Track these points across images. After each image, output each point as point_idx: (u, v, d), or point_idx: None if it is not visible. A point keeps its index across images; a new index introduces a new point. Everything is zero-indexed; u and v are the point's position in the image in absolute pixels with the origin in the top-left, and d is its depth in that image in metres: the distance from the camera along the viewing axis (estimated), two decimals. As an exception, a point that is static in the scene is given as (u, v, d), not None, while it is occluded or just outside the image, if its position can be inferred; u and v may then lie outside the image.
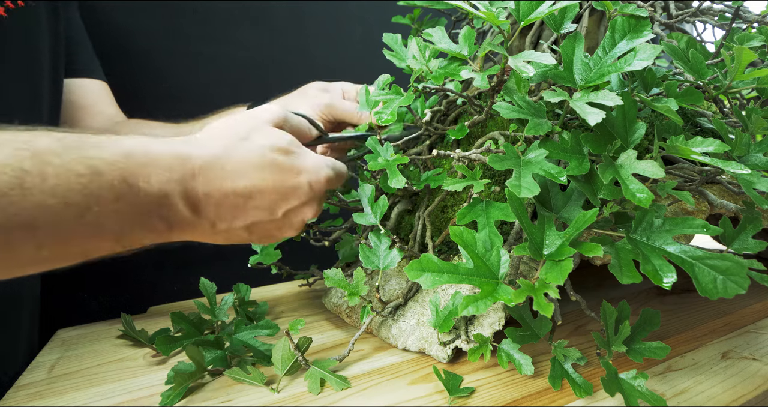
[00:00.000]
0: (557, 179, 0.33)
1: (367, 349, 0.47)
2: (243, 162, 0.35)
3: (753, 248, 0.35)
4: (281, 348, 0.40)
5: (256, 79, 0.87)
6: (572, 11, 0.39)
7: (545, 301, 0.29)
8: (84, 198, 0.27)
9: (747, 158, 0.38)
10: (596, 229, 0.35)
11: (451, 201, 0.50)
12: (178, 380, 0.38)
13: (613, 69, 0.35)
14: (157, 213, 0.32)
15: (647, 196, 0.31)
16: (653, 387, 0.37)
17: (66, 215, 0.27)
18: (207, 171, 0.33)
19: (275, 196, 0.37)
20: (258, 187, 0.35)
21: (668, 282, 0.29)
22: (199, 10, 0.81)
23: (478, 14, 0.37)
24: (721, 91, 0.40)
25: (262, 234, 0.39)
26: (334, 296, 0.58)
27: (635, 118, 0.36)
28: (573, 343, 0.44)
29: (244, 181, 0.35)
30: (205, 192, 0.33)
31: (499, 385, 0.38)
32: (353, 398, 0.37)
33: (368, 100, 0.49)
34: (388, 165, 0.43)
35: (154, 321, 0.58)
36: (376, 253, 0.44)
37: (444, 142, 0.55)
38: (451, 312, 0.40)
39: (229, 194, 0.34)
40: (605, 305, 0.37)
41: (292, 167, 0.37)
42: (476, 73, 0.39)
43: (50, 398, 0.40)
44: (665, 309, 0.54)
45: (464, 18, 0.69)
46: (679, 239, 0.41)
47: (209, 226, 0.35)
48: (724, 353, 0.43)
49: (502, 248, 0.34)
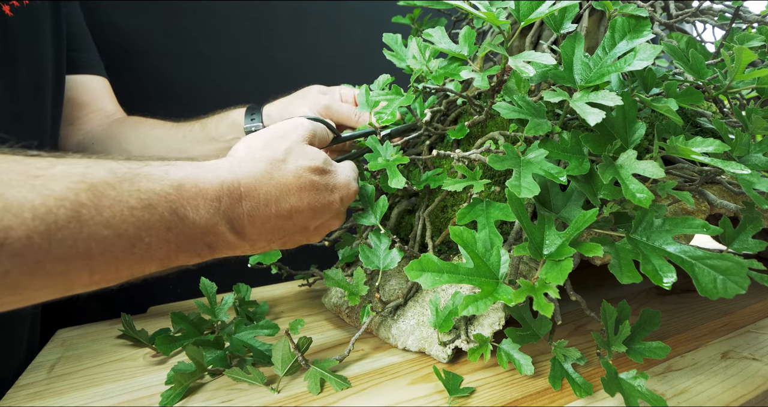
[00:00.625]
0: (557, 179, 0.33)
1: (367, 349, 0.47)
2: (284, 186, 0.36)
3: (753, 248, 0.35)
4: (281, 348, 0.40)
5: (256, 79, 0.87)
6: (572, 11, 0.39)
7: (545, 301, 0.29)
8: (136, 230, 0.28)
9: (747, 158, 0.38)
10: (596, 229, 0.35)
11: (451, 201, 0.50)
12: (178, 380, 0.38)
13: (613, 69, 0.35)
14: (203, 240, 0.32)
15: (647, 196, 0.31)
16: (653, 387, 0.37)
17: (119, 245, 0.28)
18: (251, 198, 0.34)
19: (310, 214, 0.38)
20: (296, 208, 0.37)
21: (668, 282, 0.29)
22: (199, 10, 0.81)
23: (478, 14, 0.37)
24: (721, 91, 0.40)
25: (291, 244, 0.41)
26: (334, 296, 0.58)
27: (635, 118, 0.36)
28: (573, 343, 0.44)
29: (285, 204, 0.36)
30: (250, 217, 0.35)
31: (499, 385, 0.38)
32: (353, 398, 0.37)
33: (368, 100, 0.49)
34: (388, 165, 0.43)
35: (154, 321, 0.58)
36: (376, 253, 0.44)
37: (444, 142, 0.55)
38: (451, 312, 0.40)
39: (271, 218, 0.36)
40: (605, 305, 0.37)
41: (327, 186, 0.39)
42: (476, 73, 0.39)
43: (50, 398, 0.40)
44: (665, 309, 0.54)
45: (464, 18, 0.69)
46: (679, 239, 0.41)
47: (250, 246, 0.37)
48: (724, 353, 0.43)
49: (502, 248, 0.34)
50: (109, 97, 0.68)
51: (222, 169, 0.34)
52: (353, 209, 0.61)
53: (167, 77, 0.79)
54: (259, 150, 0.37)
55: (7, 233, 0.23)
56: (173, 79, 0.80)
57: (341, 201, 0.40)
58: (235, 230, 0.34)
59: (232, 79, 0.85)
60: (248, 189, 0.34)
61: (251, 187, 0.34)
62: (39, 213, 0.24)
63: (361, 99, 0.50)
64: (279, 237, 0.38)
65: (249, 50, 0.86)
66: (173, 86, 0.80)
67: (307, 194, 0.37)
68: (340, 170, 0.42)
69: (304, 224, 0.39)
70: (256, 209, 0.35)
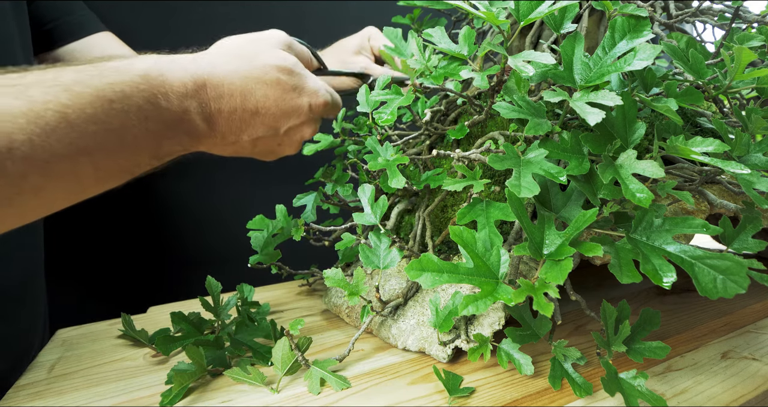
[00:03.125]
0: (557, 178, 0.33)
1: (367, 349, 0.47)
2: (249, 79, 0.37)
3: (753, 248, 0.35)
4: (281, 348, 0.40)
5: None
6: (572, 11, 0.39)
7: (545, 301, 0.29)
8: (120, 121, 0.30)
9: (747, 157, 0.38)
10: (596, 229, 0.35)
11: (451, 201, 0.50)
12: (178, 380, 0.38)
13: (613, 69, 0.35)
14: (180, 128, 0.35)
15: (647, 196, 0.31)
16: (653, 387, 0.37)
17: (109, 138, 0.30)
18: (215, 87, 0.36)
19: (278, 113, 0.40)
20: (262, 104, 0.38)
21: (668, 282, 0.29)
22: (198, 10, 0.81)
23: (478, 14, 0.37)
24: (721, 91, 0.40)
25: (265, 149, 0.42)
26: (334, 296, 0.58)
27: (635, 118, 0.36)
28: (573, 343, 0.45)
29: (251, 97, 0.38)
30: (217, 108, 0.37)
31: (499, 385, 0.38)
32: (353, 398, 0.37)
33: (368, 100, 0.49)
34: (388, 165, 0.43)
35: (154, 321, 0.58)
36: (376, 253, 0.44)
37: (444, 142, 0.55)
38: (451, 311, 0.40)
39: (237, 110, 0.37)
40: (605, 305, 0.37)
41: (295, 87, 0.40)
42: (476, 73, 0.39)
43: (50, 398, 0.40)
44: (665, 309, 0.54)
45: (464, 18, 0.69)
46: (679, 238, 0.41)
47: (221, 138, 0.39)
48: (724, 353, 0.43)
49: (502, 248, 0.34)
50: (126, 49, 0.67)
51: (185, 59, 0.36)
52: (353, 209, 0.61)
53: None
54: (228, 49, 0.39)
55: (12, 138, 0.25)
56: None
57: (309, 107, 0.41)
58: (205, 117, 0.36)
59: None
60: (212, 78, 0.36)
61: (215, 76, 0.36)
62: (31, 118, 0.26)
63: (361, 99, 0.50)
64: (248, 134, 0.39)
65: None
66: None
67: (273, 90, 0.39)
68: (310, 76, 0.42)
69: (273, 125, 0.40)
70: (222, 98, 0.36)
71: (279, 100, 0.39)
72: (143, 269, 0.85)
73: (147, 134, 0.32)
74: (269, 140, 0.42)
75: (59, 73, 0.29)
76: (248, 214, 0.58)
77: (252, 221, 0.56)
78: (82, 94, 0.29)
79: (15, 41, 0.52)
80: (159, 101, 0.33)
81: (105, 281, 0.83)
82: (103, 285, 0.83)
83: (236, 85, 0.37)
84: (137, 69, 0.32)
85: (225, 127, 0.38)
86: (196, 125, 0.36)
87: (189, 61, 0.36)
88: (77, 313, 0.71)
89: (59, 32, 0.62)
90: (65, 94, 0.28)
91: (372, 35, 0.62)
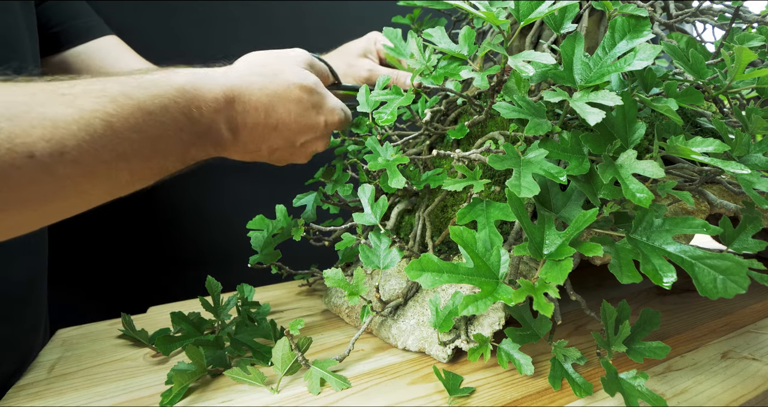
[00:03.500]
0: (557, 178, 0.33)
1: (367, 349, 0.47)
2: (274, 96, 0.41)
3: (753, 248, 0.35)
4: (281, 348, 0.40)
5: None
6: (572, 11, 0.39)
7: (545, 301, 0.29)
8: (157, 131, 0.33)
9: (747, 157, 0.38)
10: (596, 229, 0.35)
11: (451, 201, 0.50)
12: (178, 380, 0.38)
13: (613, 69, 0.35)
14: (208, 138, 0.38)
15: (647, 196, 0.31)
16: (653, 387, 0.37)
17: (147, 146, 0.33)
18: (243, 103, 0.39)
19: (296, 128, 0.43)
20: (283, 119, 0.42)
21: (668, 282, 0.29)
22: (198, 10, 0.81)
23: (478, 14, 0.37)
24: (721, 91, 0.40)
25: (279, 157, 0.46)
26: (334, 296, 0.58)
27: (635, 118, 0.36)
28: (573, 343, 0.45)
29: (273, 114, 0.41)
30: (243, 121, 0.40)
31: (499, 385, 0.38)
32: (353, 398, 0.37)
33: (368, 100, 0.49)
34: (388, 165, 0.43)
35: (154, 321, 0.58)
36: (376, 253, 0.44)
37: (444, 142, 0.55)
38: (451, 311, 0.40)
39: (260, 124, 0.41)
40: (605, 305, 0.37)
41: (314, 105, 0.43)
42: (476, 73, 0.39)
43: (50, 398, 0.40)
44: (665, 309, 0.54)
45: (464, 18, 0.69)
46: (679, 239, 0.41)
47: (242, 147, 0.42)
48: (724, 353, 0.43)
49: (502, 248, 0.34)
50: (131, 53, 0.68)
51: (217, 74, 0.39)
52: (353, 209, 0.61)
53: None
54: (255, 66, 0.42)
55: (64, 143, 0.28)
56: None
57: (326, 124, 0.45)
58: (231, 129, 0.39)
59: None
60: (240, 94, 0.39)
61: (243, 92, 0.39)
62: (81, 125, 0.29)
63: (361, 99, 0.50)
64: (267, 146, 0.43)
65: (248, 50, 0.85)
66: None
67: (294, 108, 0.42)
68: (329, 96, 0.46)
69: (290, 138, 0.44)
70: (248, 113, 0.40)
71: (299, 117, 0.42)
72: (143, 270, 0.85)
73: (179, 143, 0.35)
74: (285, 151, 0.45)
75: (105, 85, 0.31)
76: (248, 214, 0.58)
77: (252, 221, 0.56)
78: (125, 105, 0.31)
79: (25, 43, 0.53)
80: (192, 114, 0.36)
81: (105, 282, 0.83)
82: (103, 285, 0.83)
83: (262, 101, 0.40)
84: (175, 83, 0.35)
85: (248, 138, 0.41)
86: (222, 135, 0.39)
87: (221, 75, 0.38)
88: (77, 313, 0.71)
89: (66, 35, 0.62)
90: (111, 105, 0.30)
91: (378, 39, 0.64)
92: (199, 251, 0.90)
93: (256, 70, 0.41)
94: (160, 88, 0.34)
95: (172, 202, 0.86)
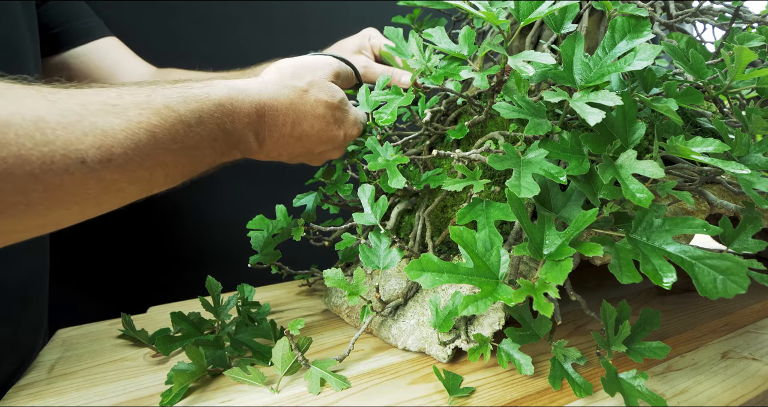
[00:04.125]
0: (557, 179, 0.33)
1: (367, 349, 0.47)
2: (301, 113, 0.44)
3: (753, 248, 0.35)
4: (281, 348, 0.40)
5: (256, 79, 0.87)
6: (572, 11, 0.39)
7: (545, 301, 0.29)
8: (195, 142, 0.36)
9: (747, 158, 0.38)
10: (596, 229, 0.35)
11: (451, 201, 0.50)
12: (178, 380, 0.38)
13: (613, 69, 0.35)
14: (238, 147, 0.41)
15: (647, 196, 0.31)
16: (653, 387, 0.37)
17: (183, 154, 0.36)
18: (273, 117, 0.43)
19: (317, 140, 0.47)
20: (306, 132, 0.45)
21: (668, 282, 0.29)
22: (198, 10, 0.81)
23: (478, 14, 0.37)
24: (721, 91, 0.40)
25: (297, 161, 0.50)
26: (334, 296, 0.58)
27: (635, 118, 0.36)
28: (573, 343, 0.45)
29: (298, 128, 0.44)
30: (269, 133, 0.43)
31: (499, 385, 0.38)
32: (353, 398, 0.37)
33: (368, 100, 0.49)
34: (388, 165, 0.43)
35: (154, 321, 0.58)
36: (376, 253, 0.44)
37: (444, 142, 0.55)
38: (451, 311, 0.40)
39: (285, 136, 0.44)
40: (605, 305, 0.37)
41: (337, 120, 0.47)
42: (476, 73, 0.39)
43: (50, 398, 0.40)
44: (665, 309, 0.54)
45: (464, 18, 0.69)
46: (679, 239, 0.41)
47: (265, 154, 0.45)
48: (724, 353, 0.43)
49: (502, 248, 0.34)
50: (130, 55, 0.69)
51: (252, 90, 0.41)
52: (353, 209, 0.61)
53: (167, 77, 0.79)
54: (287, 78, 0.45)
55: (112, 151, 0.30)
56: (173, 79, 0.80)
57: (344, 137, 0.49)
58: (258, 140, 0.43)
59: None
60: (271, 110, 0.42)
61: (274, 108, 0.42)
62: (128, 135, 0.31)
63: (361, 99, 0.50)
64: (288, 153, 0.47)
65: (248, 50, 0.86)
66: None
67: (318, 122, 0.45)
68: (352, 110, 0.49)
69: (310, 149, 0.47)
70: (275, 127, 0.43)
71: (321, 131, 0.46)
72: (143, 270, 0.85)
73: (212, 151, 0.39)
74: (303, 157, 0.49)
75: (150, 98, 0.34)
76: (248, 214, 0.58)
77: (252, 221, 0.56)
78: (168, 117, 0.34)
79: (26, 44, 0.53)
80: (226, 127, 0.39)
81: (105, 282, 0.83)
82: (103, 285, 0.83)
83: (289, 116, 0.43)
84: (215, 99, 0.38)
85: (272, 147, 0.44)
86: (250, 144, 0.42)
87: (256, 93, 0.41)
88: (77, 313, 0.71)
89: (66, 36, 0.63)
90: (155, 117, 0.33)
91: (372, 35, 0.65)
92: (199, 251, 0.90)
93: (288, 82, 0.44)
94: (201, 103, 0.37)
95: (173, 202, 0.86)
